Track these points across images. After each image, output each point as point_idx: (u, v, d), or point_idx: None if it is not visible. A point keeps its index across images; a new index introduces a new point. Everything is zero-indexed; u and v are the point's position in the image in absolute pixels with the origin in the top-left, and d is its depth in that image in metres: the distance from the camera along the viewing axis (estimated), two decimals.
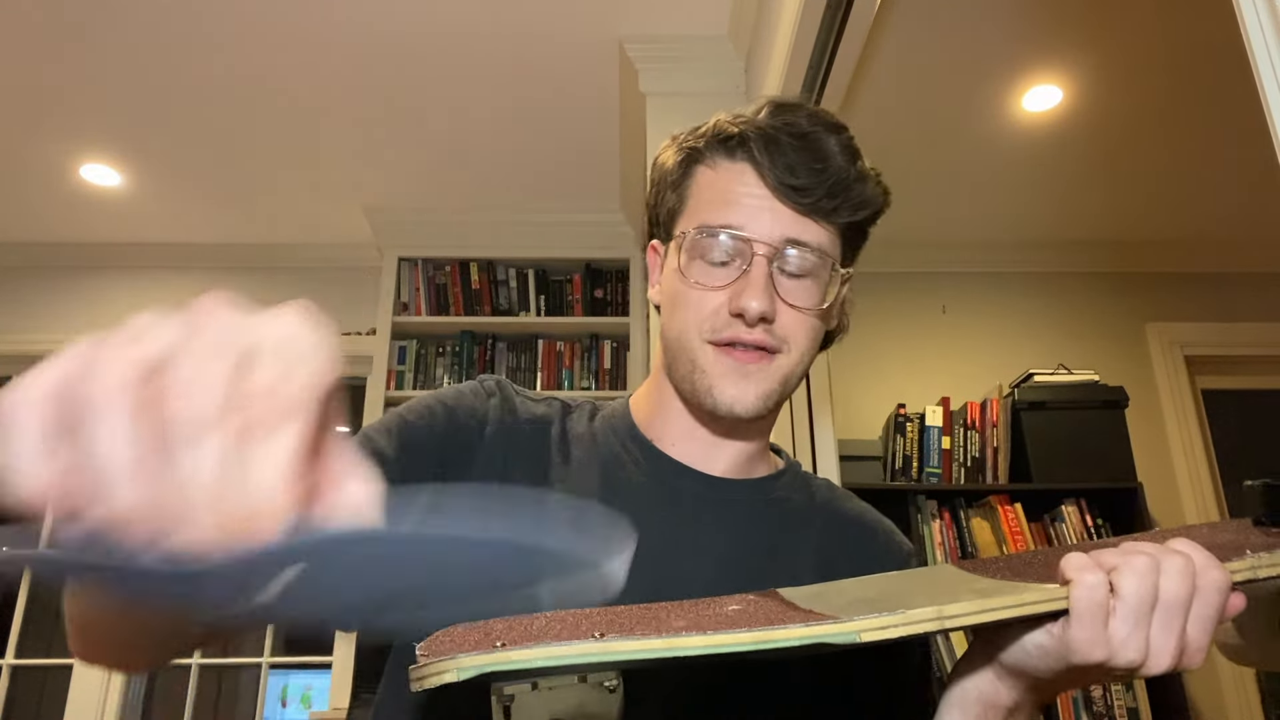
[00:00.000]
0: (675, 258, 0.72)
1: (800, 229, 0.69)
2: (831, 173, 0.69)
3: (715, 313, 0.69)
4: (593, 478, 0.73)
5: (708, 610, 0.53)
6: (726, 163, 0.72)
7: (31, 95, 2.50)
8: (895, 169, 2.90)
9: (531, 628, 0.49)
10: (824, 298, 0.71)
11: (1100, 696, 2.56)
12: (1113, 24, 2.27)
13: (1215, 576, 0.48)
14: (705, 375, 0.70)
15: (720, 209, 0.70)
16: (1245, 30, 0.65)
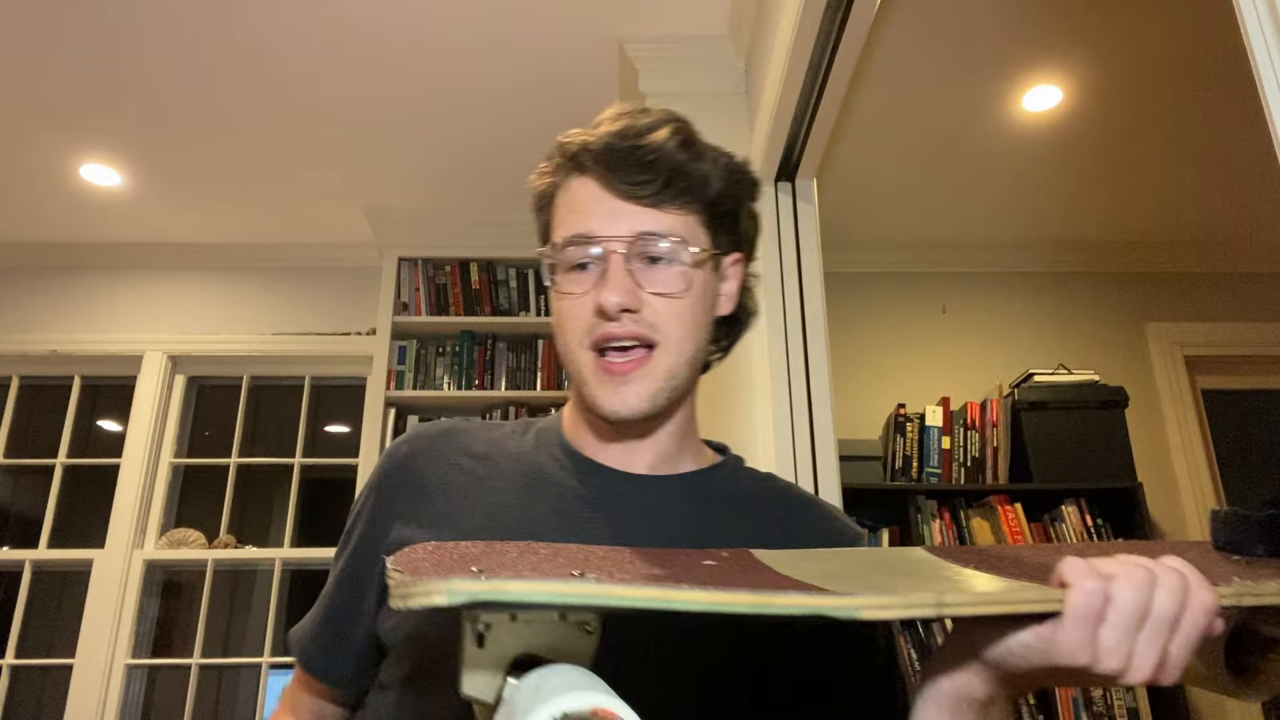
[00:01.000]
0: (552, 274, 0.77)
1: (649, 221, 0.73)
2: (666, 164, 0.73)
3: (588, 320, 0.73)
4: (521, 485, 0.77)
5: (685, 561, 0.53)
6: (574, 179, 0.77)
7: (32, 95, 2.50)
8: (895, 169, 2.90)
9: (506, 557, 0.49)
10: (689, 282, 0.74)
11: (1100, 697, 2.56)
12: (1113, 24, 2.27)
13: (1204, 598, 0.50)
14: (590, 386, 0.74)
15: (573, 220, 0.75)
16: (1245, 30, 0.65)
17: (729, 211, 0.80)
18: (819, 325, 1.99)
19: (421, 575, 0.45)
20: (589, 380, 0.74)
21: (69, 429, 3.24)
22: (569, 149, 0.77)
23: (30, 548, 3.11)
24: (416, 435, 0.82)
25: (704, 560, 0.56)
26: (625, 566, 0.51)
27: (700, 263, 0.75)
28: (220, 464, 3.25)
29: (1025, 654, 0.52)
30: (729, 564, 0.55)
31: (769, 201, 2.11)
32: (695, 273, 0.75)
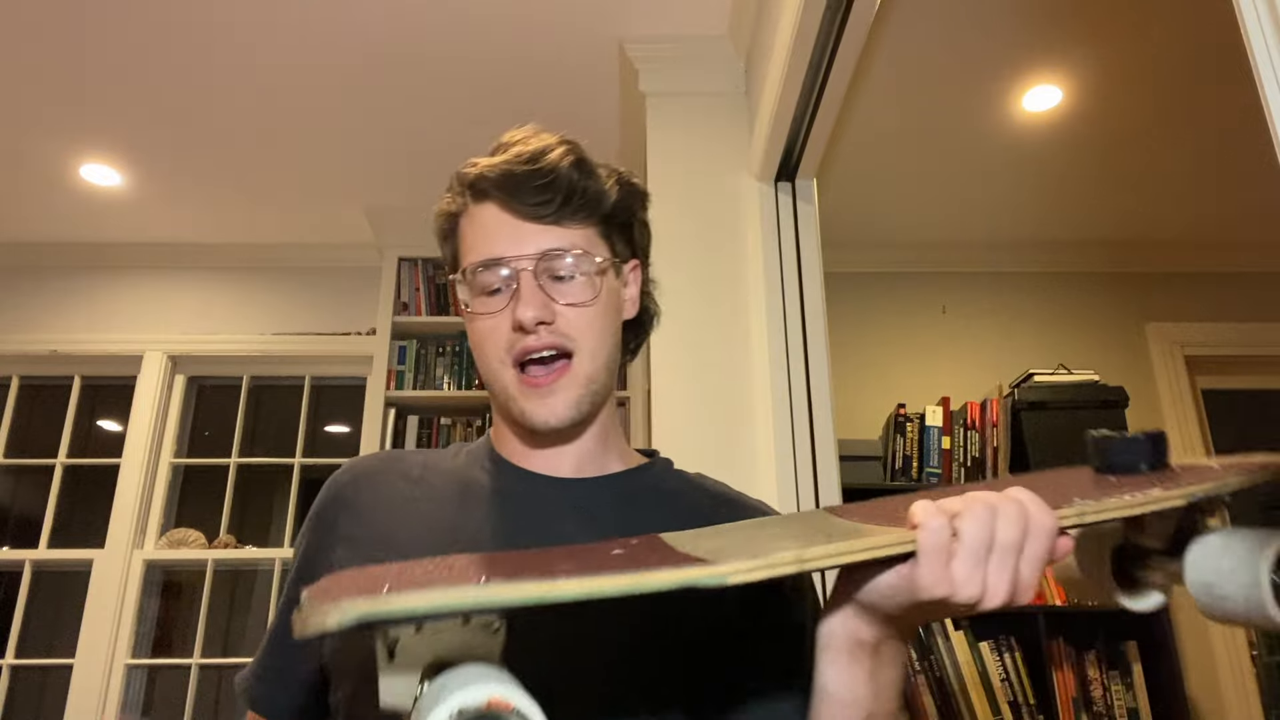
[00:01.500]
0: (465, 300, 0.81)
1: (552, 238, 0.78)
2: (562, 183, 0.77)
3: (507, 337, 0.77)
4: (455, 499, 0.80)
5: (592, 555, 0.55)
6: (477, 206, 0.81)
7: (32, 95, 2.50)
8: (895, 169, 2.90)
9: (416, 574, 0.50)
10: (596, 290, 0.79)
11: (1100, 697, 2.56)
12: (1113, 24, 2.27)
13: (1044, 521, 0.54)
14: (515, 400, 0.78)
15: (481, 246, 0.79)
16: (1245, 30, 0.65)
17: (624, 223, 0.84)
18: (819, 325, 1.99)
19: (317, 601, 0.46)
20: (515, 396, 0.78)
21: (69, 429, 3.24)
22: (468, 178, 0.81)
23: (30, 548, 3.11)
24: (354, 464, 0.85)
25: (614, 550, 0.58)
26: (533, 565, 0.52)
27: (603, 271, 0.80)
28: (220, 464, 3.25)
29: (893, 594, 0.56)
30: (637, 549, 0.57)
31: (769, 201, 2.11)
32: (600, 281, 0.79)
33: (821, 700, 0.62)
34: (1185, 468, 0.66)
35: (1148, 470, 0.63)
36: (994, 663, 2.58)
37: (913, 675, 2.57)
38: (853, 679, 0.61)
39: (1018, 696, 2.55)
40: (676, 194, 2.17)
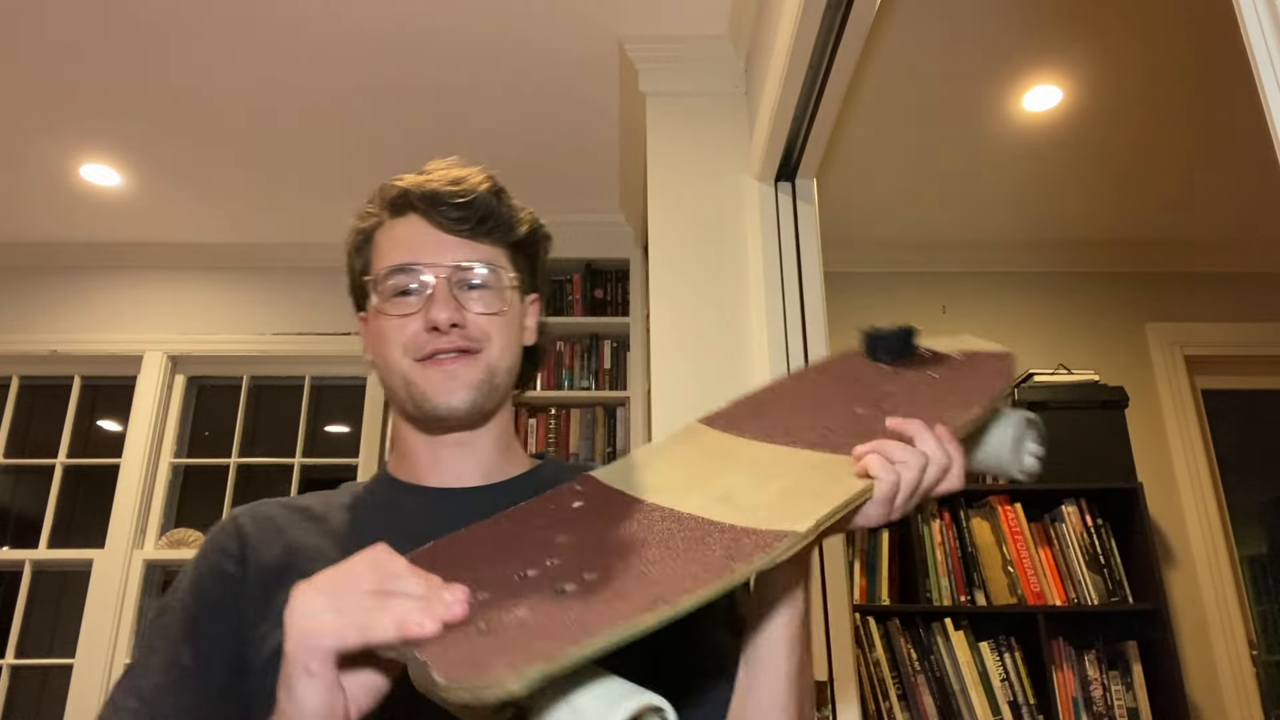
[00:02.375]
0: (375, 305, 0.84)
1: (467, 251, 0.83)
2: (481, 204, 0.84)
3: (415, 335, 0.81)
4: (364, 525, 0.81)
5: (586, 530, 0.61)
6: (397, 219, 0.86)
7: (32, 95, 2.50)
8: (896, 169, 2.89)
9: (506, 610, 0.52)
10: (505, 304, 0.84)
11: (1100, 697, 2.57)
12: (1113, 24, 2.27)
13: (957, 460, 0.68)
14: (418, 387, 0.81)
15: (400, 252, 0.83)
16: (1245, 30, 0.65)
17: (530, 256, 0.90)
18: (819, 325, 1.99)
19: (474, 672, 0.47)
20: (415, 381, 0.81)
21: (69, 429, 3.24)
22: (390, 194, 0.86)
23: (30, 548, 3.11)
24: (250, 508, 0.84)
25: (574, 504, 0.64)
26: (571, 575, 0.56)
27: (512, 288, 0.86)
28: (220, 464, 3.25)
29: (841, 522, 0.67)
30: (593, 502, 0.64)
31: (769, 201, 2.11)
32: (509, 296, 0.85)
33: (769, 606, 0.70)
34: (942, 355, 0.81)
35: (907, 359, 0.78)
36: (994, 663, 2.58)
37: (913, 675, 2.58)
38: (796, 587, 0.70)
39: (1018, 696, 2.55)
40: (676, 194, 2.17)
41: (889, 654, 2.59)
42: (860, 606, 2.61)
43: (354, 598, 0.52)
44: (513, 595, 0.54)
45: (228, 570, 0.78)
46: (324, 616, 0.51)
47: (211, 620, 0.76)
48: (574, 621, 0.50)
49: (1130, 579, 2.63)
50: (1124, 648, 2.64)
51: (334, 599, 0.52)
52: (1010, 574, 2.65)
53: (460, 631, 0.51)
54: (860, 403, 0.74)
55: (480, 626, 0.51)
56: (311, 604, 0.52)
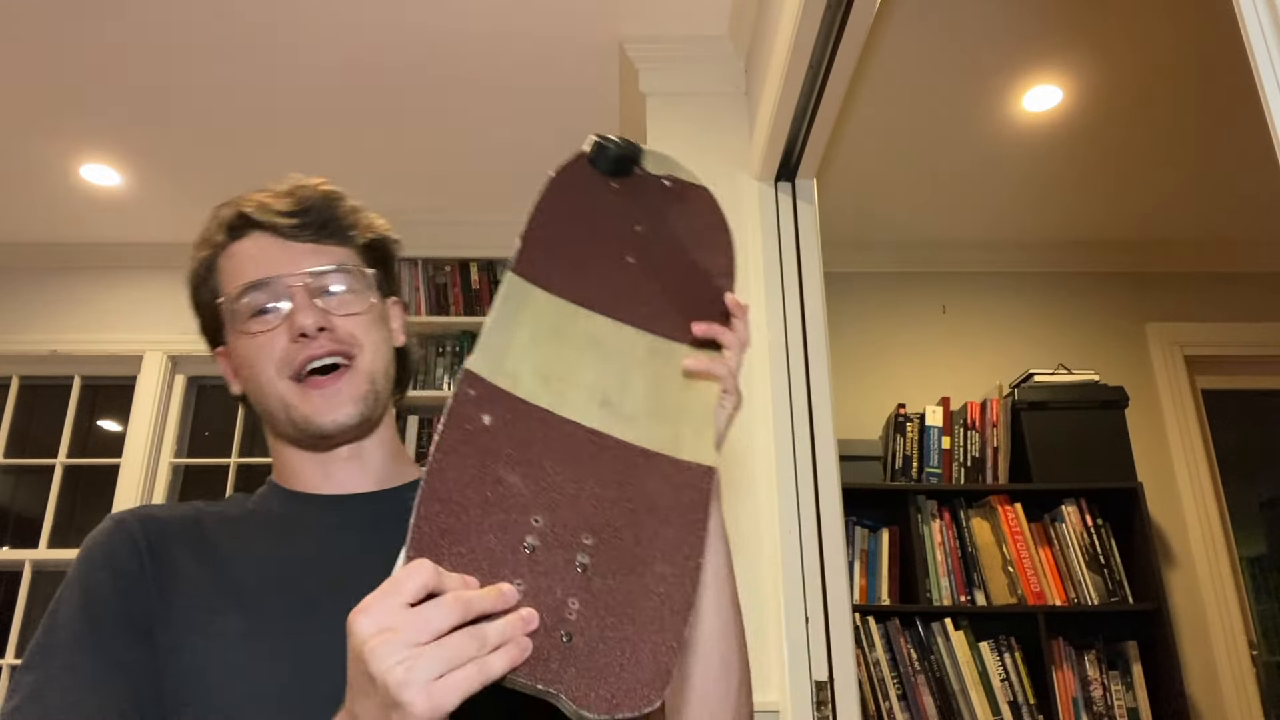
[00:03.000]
0: (234, 330, 0.81)
1: (318, 257, 0.81)
2: (318, 208, 0.83)
3: (284, 349, 0.78)
4: (267, 536, 0.79)
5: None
6: (238, 243, 0.83)
7: (32, 95, 2.50)
8: (895, 169, 2.89)
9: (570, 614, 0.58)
10: (367, 303, 0.83)
11: (1100, 697, 2.57)
12: (1113, 24, 2.27)
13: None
14: (298, 409, 0.78)
15: (250, 270, 0.81)
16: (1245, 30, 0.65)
17: (381, 259, 0.88)
18: (819, 325, 1.99)
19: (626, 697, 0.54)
20: (295, 404, 0.78)
21: (69, 429, 3.24)
22: (226, 217, 0.84)
23: (30, 548, 3.11)
24: (131, 511, 0.80)
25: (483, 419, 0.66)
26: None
27: (370, 287, 0.84)
28: (220, 464, 3.25)
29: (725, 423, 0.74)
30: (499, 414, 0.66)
31: (769, 201, 2.11)
32: (369, 294, 0.83)
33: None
34: (654, 178, 0.81)
35: (625, 175, 0.79)
36: (994, 663, 2.58)
37: (913, 675, 2.58)
38: (719, 516, 0.71)
39: (1018, 696, 2.55)
40: None
41: (889, 654, 2.59)
42: (860, 606, 2.61)
43: (452, 644, 0.51)
44: (547, 577, 0.58)
45: (126, 571, 0.74)
46: (434, 672, 0.50)
47: (116, 627, 0.71)
48: (652, 618, 0.57)
49: (1130, 579, 2.63)
50: (1124, 648, 2.64)
51: (430, 651, 0.51)
52: (1010, 574, 2.65)
53: (546, 640, 0.55)
54: (626, 248, 0.77)
55: (561, 636, 0.56)
56: (413, 666, 0.50)
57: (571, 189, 0.77)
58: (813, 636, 1.75)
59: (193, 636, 0.71)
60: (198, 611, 0.72)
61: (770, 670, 1.77)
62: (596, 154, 0.78)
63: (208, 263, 0.85)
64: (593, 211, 0.77)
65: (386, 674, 0.50)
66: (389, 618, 0.51)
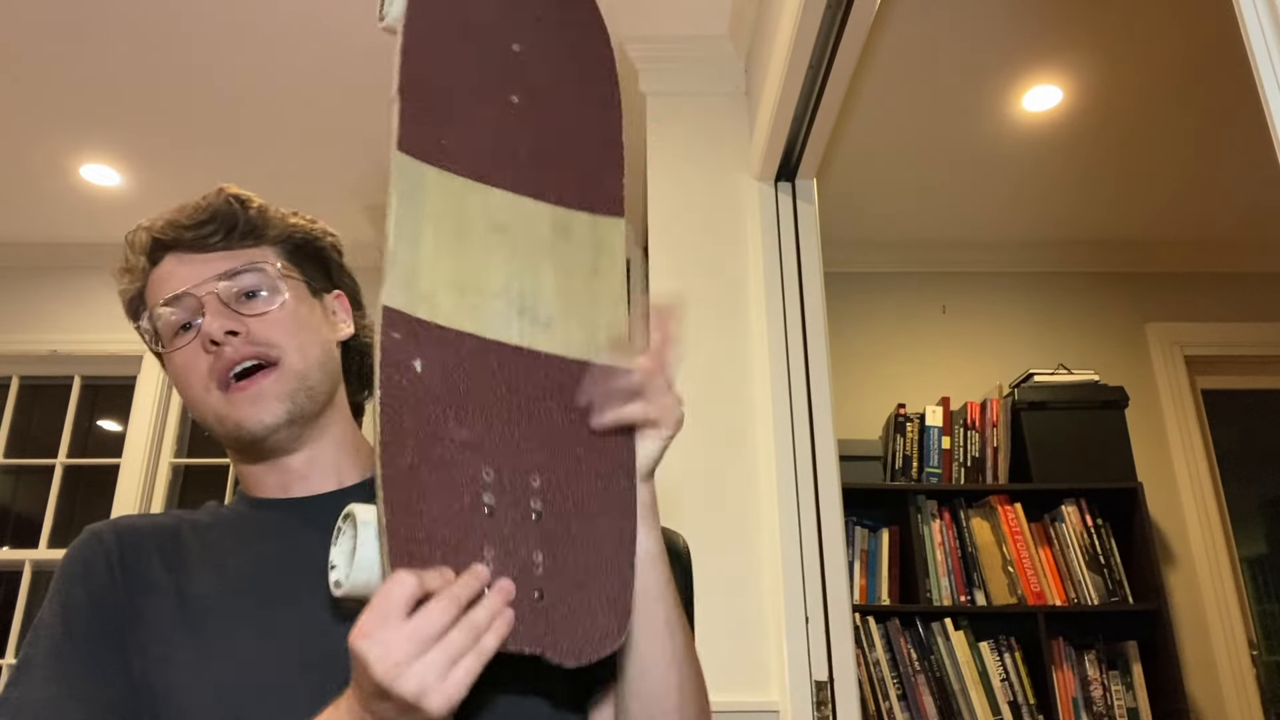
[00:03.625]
0: (156, 348, 0.82)
1: (223, 262, 0.81)
2: (223, 214, 0.82)
3: (203, 360, 0.78)
4: (235, 541, 0.80)
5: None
6: (156, 268, 0.84)
7: (31, 95, 2.50)
8: (895, 169, 2.89)
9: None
10: (283, 297, 0.81)
11: (1100, 697, 2.57)
12: (1113, 24, 2.27)
13: None
14: (228, 416, 0.78)
15: (163, 290, 0.81)
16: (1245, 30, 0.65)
17: (311, 255, 0.87)
18: (819, 325, 1.99)
19: (595, 639, 0.60)
20: (226, 412, 0.78)
21: (69, 429, 3.24)
22: (137, 244, 0.85)
23: (30, 548, 3.11)
24: (109, 523, 0.81)
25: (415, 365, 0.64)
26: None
27: (285, 279, 0.82)
28: (220, 464, 3.25)
29: (656, 451, 0.70)
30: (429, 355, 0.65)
31: (769, 201, 2.11)
32: (285, 287, 0.81)
33: (642, 562, 0.70)
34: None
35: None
36: (994, 663, 2.58)
37: (913, 675, 2.58)
38: (654, 533, 0.71)
39: (1018, 696, 2.55)
40: (676, 194, 2.17)
41: (889, 654, 2.59)
42: (860, 606, 2.61)
43: (452, 643, 0.56)
44: (511, 539, 0.60)
45: (101, 582, 0.75)
46: (441, 669, 0.55)
47: (92, 640, 0.73)
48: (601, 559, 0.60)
49: (1130, 579, 2.63)
50: (1124, 648, 2.64)
51: (434, 652, 0.55)
52: (1010, 574, 2.65)
53: (525, 608, 0.58)
54: (509, 82, 0.71)
55: (534, 595, 0.59)
56: (422, 669, 0.54)
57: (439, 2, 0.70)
58: (813, 636, 1.75)
59: (160, 640, 0.73)
60: (165, 616, 0.74)
61: (770, 670, 1.77)
62: None
63: (137, 296, 0.85)
64: (467, 28, 0.70)
65: (404, 692, 0.54)
66: (390, 637, 0.55)
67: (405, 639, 0.54)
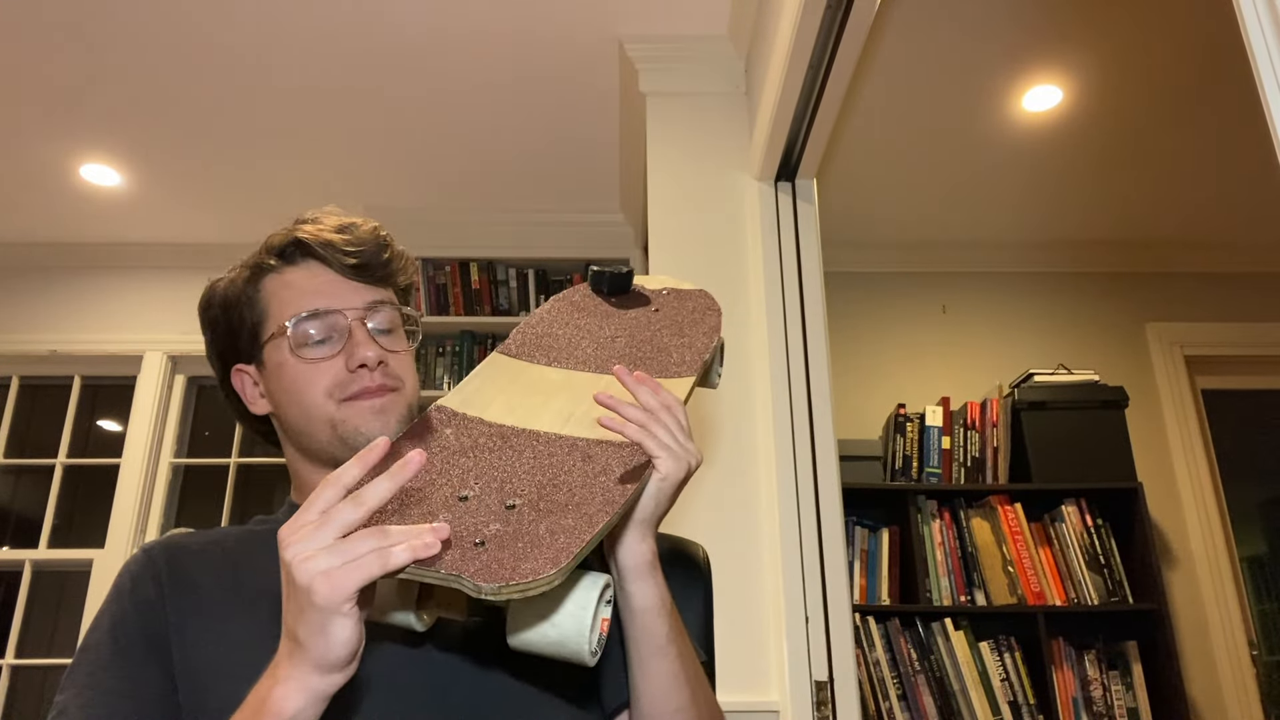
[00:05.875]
0: (280, 354, 0.84)
1: (373, 295, 0.86)
2: (373, 251, 0.87)
3: (338, 376, 0.82)
4: (258, 552, 0.83)
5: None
6: (292, 267, 0.86)
7: (32, 95, 2.50)
8: (895, 169, 2.89)
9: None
10: (406, 342, 0.88)
11: (1100, 697, 2.56)
12: (1113, 24, 2.27)
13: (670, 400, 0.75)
14: (347, 424, 0.82)
15: (306, 299, 0.84)
16: (1245, 30, 0.65)
17: (407, 301, 0.94)
18: (819, 325, 1.99)
19: (521, 570, 0.57)
20: (345, 418, 0.82)
21: (69, 429, 3.24)
22: (281, 243, 0.87)
23: (30, 548, 3.11)
24: (163, 540, 0.86)
25: (446, 431, 0.73)
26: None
27: (410, 330, 0.90)
28: (220, 464, 3.25)
29: (661, 497, 0.71)
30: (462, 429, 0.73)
31: (769, 201, 2.11)
32: (407, 334, 0.89)
33: (635, 618, 0.73)
34: (651, 292, 0.94)
35: (624, 293, 0.93)
36: (994, 663, 2.58)
37: (913, 675, 2.58)
38: (657, 588, 0.73)
39: (1018, 696, 2.55)
40: (676, 194, 2.17)
41: (889, 654, 2.59)
42: (860, 606, 2.61)
43: (354, 538, 0.57)
44: (472, 515, 0.62)
45: (147, 598, 0.79)
46: (335, 562, 0.56)
47: (138, 650, 0.77)
48: (570, 527, 0.60)
49: (1130, 579, 2.63)
50: (1124, 648, 2.64)
51: (336, 545, 0.56)
52: (1010, 574, 2.65)
53: (458, 549, 0.59)
54: (615, 333, 0.87)
55: (475, 542, 0.59)
56: (317, 559, 0.56)
57: (570, 301, 0.91)
58: (813, 636, 1.75)
59: (205, 650, 0.76)
60: (211, 627, 0.78)
61: (770, 670, 1.77)
62: (595, 280, 0.91)
63: (253, 282, 0.88)
64: (586, 315, 0.89)
65: (293, 565, 0.56)
66: (303, 520, 0.58)
67: (314, 525, 0.57)
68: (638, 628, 0.73)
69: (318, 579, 0.55)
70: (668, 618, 0.74)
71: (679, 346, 0.85)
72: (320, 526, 0.57)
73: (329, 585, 0.55)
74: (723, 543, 1.84)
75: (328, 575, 0.55)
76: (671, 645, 0.74)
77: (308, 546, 0.56)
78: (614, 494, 0.65)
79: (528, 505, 0.64)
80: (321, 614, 0.56)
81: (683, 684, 0.74)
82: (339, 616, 0.56)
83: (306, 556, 0.56)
